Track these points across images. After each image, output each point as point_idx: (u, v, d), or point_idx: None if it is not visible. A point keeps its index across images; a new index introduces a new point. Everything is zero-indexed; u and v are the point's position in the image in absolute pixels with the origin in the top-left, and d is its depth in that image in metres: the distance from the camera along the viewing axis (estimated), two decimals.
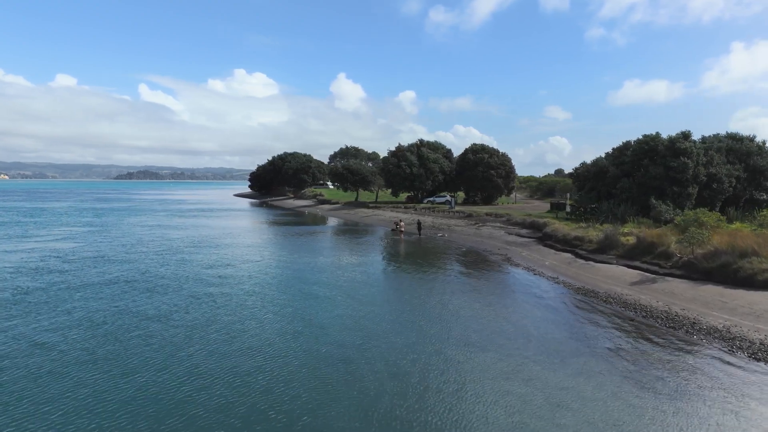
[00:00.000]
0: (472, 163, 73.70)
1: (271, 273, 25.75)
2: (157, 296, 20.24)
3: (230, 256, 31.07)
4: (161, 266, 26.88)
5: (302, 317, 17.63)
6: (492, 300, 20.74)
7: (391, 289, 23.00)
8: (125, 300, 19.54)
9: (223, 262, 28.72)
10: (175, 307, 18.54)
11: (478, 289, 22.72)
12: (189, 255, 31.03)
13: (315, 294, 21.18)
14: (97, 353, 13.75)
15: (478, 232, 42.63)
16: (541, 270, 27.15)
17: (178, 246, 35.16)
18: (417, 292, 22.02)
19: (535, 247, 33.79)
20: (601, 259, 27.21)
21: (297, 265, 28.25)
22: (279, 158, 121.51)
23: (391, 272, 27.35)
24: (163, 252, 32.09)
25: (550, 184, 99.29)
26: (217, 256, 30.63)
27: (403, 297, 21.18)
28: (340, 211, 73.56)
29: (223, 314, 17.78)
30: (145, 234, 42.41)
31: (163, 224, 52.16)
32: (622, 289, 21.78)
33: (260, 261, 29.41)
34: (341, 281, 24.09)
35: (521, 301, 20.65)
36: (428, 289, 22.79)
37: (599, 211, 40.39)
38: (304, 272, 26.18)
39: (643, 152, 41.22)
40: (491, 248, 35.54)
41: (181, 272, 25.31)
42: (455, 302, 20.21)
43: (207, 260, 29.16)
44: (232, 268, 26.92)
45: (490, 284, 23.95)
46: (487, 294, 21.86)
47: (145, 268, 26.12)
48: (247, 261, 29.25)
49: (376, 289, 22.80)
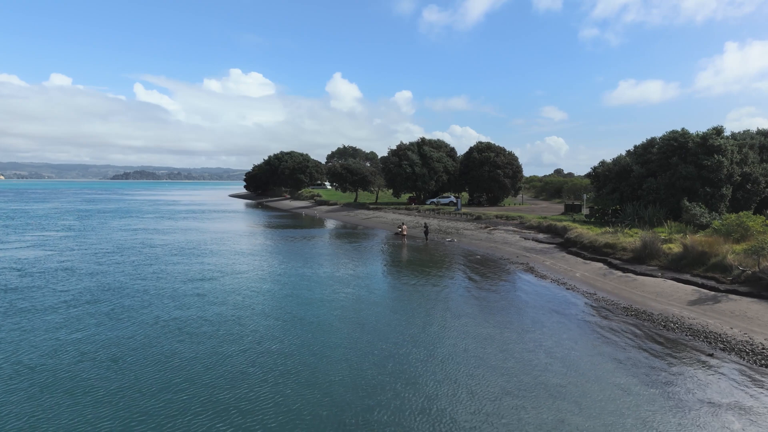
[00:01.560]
0: (478, 162, 70.07)
1: (257, 289, 22.01)
2: (114, 325, 16.49)
3: (214, 266, 27.34)
4: (133, 280, 23.13)
5: (288, 359, 13.93)
6: (525, 324, 17.06)
7: (399, 310, 19.29)
8: (71, 330, 15.79)
9: (205, 274, 24.99)
10: (129, 344, 14.79)
11: (506, 310, 19.03)
12: (168, 265, 27.30)
13: (307, 319, 17.46)
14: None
15: (491, 237, 38.98)
16: (573, 283, 23.50)
17: (158, 254, 31.41)
18: (431, 315, 18.32)
19: (559, 255, 30.15)
20: (641, 270, 23.57)
21: (288, 278, 24.54)
22: (275, 158, 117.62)
23: (398, 287, 23.65)
24: (140, 262, 28.34)
25: (555, 184, 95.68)
26: (199, 267, 26.90)
27: (415, 320, 17.49)
28: (338, 213, 69.87)
29: (187, 352, 14.04)
30: (126, 240, 38.63)
31: (149, 228, 48.36)
32: (681, 310, 18.13)
33: (247, 273, 25.68)
34: (339, 300, 20.39)
35: (561, 325, 16.98)
36: (443, 309, 19.10)
37: (624, 214, 36.81)
38: (295, 288, 22.48)
39: (671, 149, 37.65)
40: (508, 256, 31.88)
41: (153, 288, 21.57)
42: (482, 328, 16.53)
43: (187, 272, 25.42)
44: (214, 282, 23.18)
45: (518, 303, 20.27)
46: (517, 315, 18.18)
47: (112, 284, 22.36)
48: (232, 273, 25.53)
49: (381, 309, 19.09)
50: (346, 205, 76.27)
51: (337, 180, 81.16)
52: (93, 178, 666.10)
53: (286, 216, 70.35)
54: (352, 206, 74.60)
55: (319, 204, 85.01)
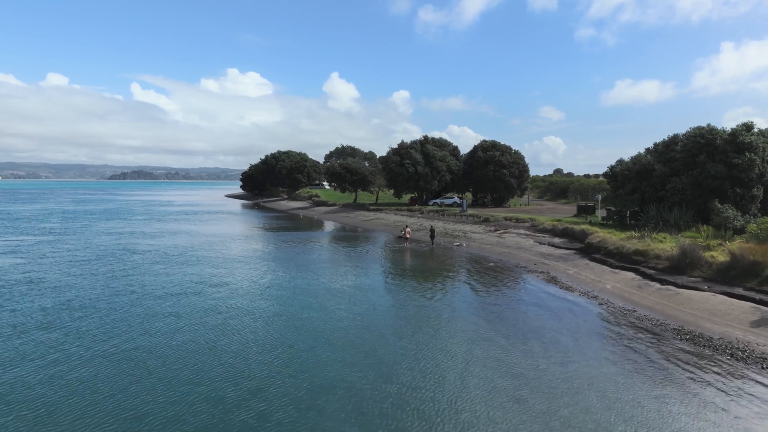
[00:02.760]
0: (483, 161, 67.17)
1: (240, 307, 19.05)
2: (54, 362, 13.56)
3: (197, 277, 24.40)
4: (100, 297, 20.18)
5: (268, 414, 11.02)
6: (563, 352, 14.15)
7: (407, 335, 16.36)
8: (13, 360, 12.86)
9: (186, 287, 22.04)
10: (68, 390, 11.87)
11: (536, 334, 16.11)
12: (146, 276, 24.36)
13: (297, 348, 14.52)
14: None
15: (502, 241, 36.08)
16: (605, 297, 20.61)
17: (138, 263, 28.47)
18: (446, 342, 15.40)
19: (581, 263, 27.28)
20: (682, 282, 20.68)
21: (280, 291, 21.62)
22: (272, 157, 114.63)
23: (404, 302, 20.74)
24: (116, 273, 25.40)
25: (561, 184, 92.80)
26: (180, 279, 23.96)
27: (427, 349, 14.58)
28: (337, 214, 66.94)
29: (141, 402, 11.13)
30: (107, 245, 35.66)
31: (135, 232, 45.39)
32: (744, 333, 15.25)
33: (232, 285, 22.74)
34: (336, 320, 17.47)
35: (605, 354, 14.07)
36: (460, 333, 16.19)
37: (647, 216, 33.96)
38: (287, 304, 19.55)
39: (697, 147, 34.81)
40: (524, 263, 29.00)
41: (121, 307, 18.62)
42: (512, 359, 13.62)
43: (165, 285, 22.48)
44: (193, 297, 20.23)
45: (547, 323, 17.36)
46: (551, 340, 15.27)
47: (74, 301, 19.40)
48: (216, 285, 22.58)
49: (386, 333, 16.17)
50: (346, 206, 73.35)
51: (336, 180, 78.27)
52: (90, 178, 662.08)
53: (283, 217, 67.41)
54: (351, 207, 71.69)
55: (318, 205, 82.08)
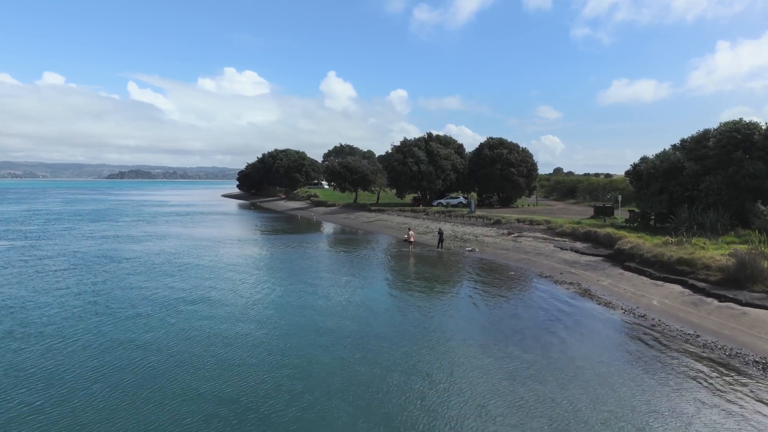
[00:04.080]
0: (489, 159, 64.12)
1: (220, 332, 15.89)
2: None
3: (175, 291, 21.27)
4: (59, 318, 17.04)
5: None
6: (631, 400, 11.05)
7: (419, 369, 13.26)
8: None
9: (159, 305, 18.89)
10: None
11: (586, 369, 13.00)
12: (117, 291, 21.22)
13: (285, 389, 11.43)
14: None
15: (519, 246, 32.98)
16: (655, 316, 17.51)
17: (115, 273, 25.34)
18: (473, 386, 12.30)
19: (614, 272, 24.20)
20: (746, 299, 17.58)
21: (270, 311, 18.50)
22: (269, 156, 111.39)
23: (415, 323, 17.61)
24: (83, 286, 22.27)
25: (568, 183, 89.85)
26: (155, 293, 20.82)
27: (448, 397, 11.49)
28: (337, 215, 63.80)
29: None
30: (86, 252, 32.51)
31: (121, 235, 42.22)
32: None
33: (215, 303, 19.59)
34: (333, 351, 14.36)
35: (684, 398, 11.00)
36: (489, 370, 13.09)
37: (678, 219, 30.92)
38: (277, 327, 16.43)
39: (733, 143, 31.77)
40: (548, 271, 25.90)
41: (80, 333, 15.49)
42: (563, 403, 10.53)
43: (136, 302, 19.35)
44: (165, 318, 17.07)
45: (595, 351, 14.25)
46: (603, 376, 12.16)
47: (26, 323, 16.25)
48: (196, 302, 19.43)
49: (395, 370, 13.08)
50: (346, 207, 70.24)
51: (335, 179, 75.19)
52: (88, 178, 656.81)
53: (280, 218, 64.25)
54: (351, 207, 68.57)
55: (317, 205, 78.94)
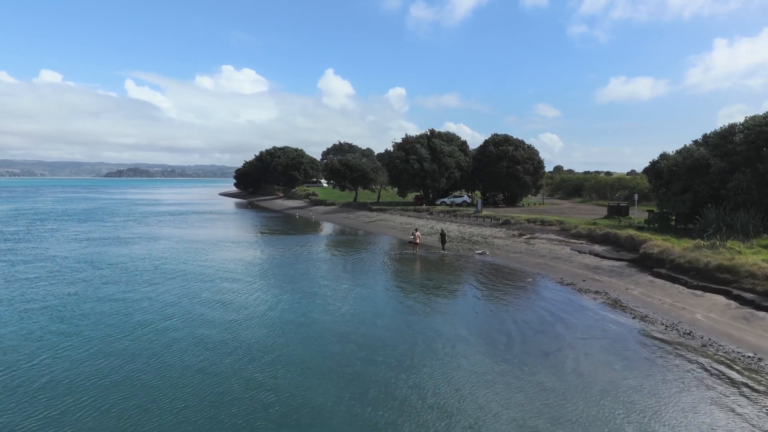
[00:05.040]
0: (495, 156, 61.84)
1: (196, 360, 13.66)
2: None
3: (153, 304, 19.00)
4: (17, 338, 14.78)
5: None
6: None
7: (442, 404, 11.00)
8: None
9: (133, 321, 16.63)
10: None
11: (636, 402, 10.75)
12: (89, 304, 18.94)
13: None
14: None
15: (533, 249, 30.72)
16: (704, 334, 15.25)
17: (90, 281, 23.08)
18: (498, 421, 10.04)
19: (641, 279, 21.96)
20: None
21: (258, 331, 16.23)
22: (267, 153, 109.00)
23: (429, 344, 15.35)
24: (52, 298, 19.99)
25: (574, 181, 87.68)
26: (132, 306, 18.55)
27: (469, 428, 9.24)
28: (337, 215, 61.50)
29: None
30: (69, 255, 30.24)
31: (108, 237, 39.94)
32: None
33: (196, 318, 17.30)
34: (330, 373, 12.11)
35: None
36: (516, 398, 10.84)
37: (705, 220, 28.70)
38: (265, 351, 14.17)
39: (763, 137, 29.53)
40: (569, 277, 23.64)
41: (29, 355, 13.23)
42: None
43: (109, 316, 17.10)
44: (137, 339, 14.80)
45: (643, 381, 12.00)
46: (659, 416, 9.92)
47: None
48: (175, 318, 17.15)
49: (409, 408, 10.83)
50: (345, 206, 67.97)
51: (334, 177, 73.00)
52: (87, 176, 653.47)
53: (278, 218, 61.95)
54: (352, 207, 66.30)
55: (315, 204, 76.66)
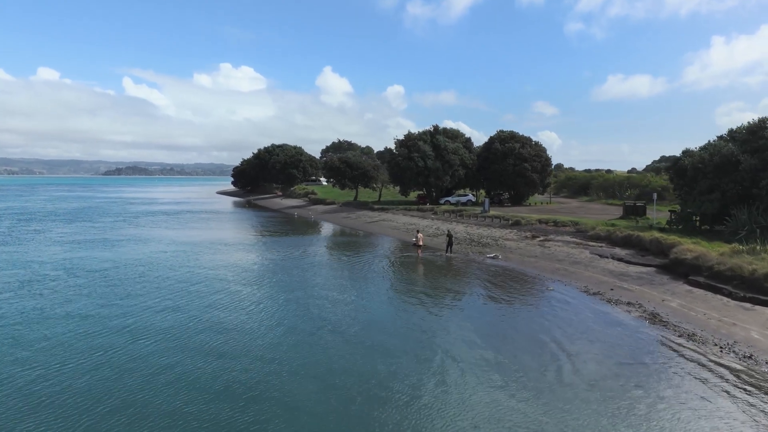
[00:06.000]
0: (501, 154, 59.61)
1: (166, 408, 11.44)
2: None
3: (137, 320, 16.76)
4: None
5: None
6: None
7: None
8: None
9: (113, 344, 14.40)
10: None
11: None
12: (51, 323, 16.72)
13: None
14: None
15: (549, 253, 28.49)
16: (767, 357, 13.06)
17: (66, 292, 20.84)
18: None
19: (677, 288, 19.74)
20: None
21: (244, 353, 13.99)
22: (265, 151, 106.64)
23: (446, 372, 13.15)
24: (17, 315, 17.75)
25: (580, 179, 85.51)
26: (104, 322, 16.31)
27: None
28: (337, 215, 59.25)
29: None
30: (47, 260, 28.01)
31: (95, 239, 37.69)
32: None
33: (176, 339, 15.08)
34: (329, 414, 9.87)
35: None
36: None
37: (736, 221, 26.55)
38: (248, 380, 11.94)
39: None
40: (594, 285, 21.41)
41: None
42: None
43: (79, 338, 14.86)
44: (110, 366, 12.58)
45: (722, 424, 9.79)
46: None
47: None
48: (151, 336, 14.90)
49: None
50: (346, 205, 65.72)
51: (334, 175, 70.81)
52: (85, 174, 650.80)
53: (276, 218, 59.67)
54: (352, 206, 64.05)
55: (315, 203, 74.41)
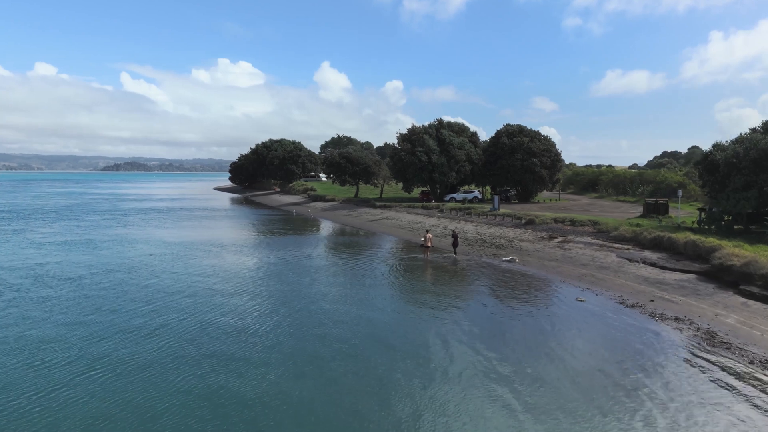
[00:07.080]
0: (509, 148, 57.01)
1: None
2: None
3: (109, 339, 14.26)
4: None
5: None
6: None
7: None
8: None
9: (60, 378, 11.91)
10: None
11: None
12: (6, 347, 14.22)
13: None
14: None
15: (570, 255, 25.95)
16: None
17: (28, 304, 18.33)
18: None
19: (729, 300, 17.24)
20: None
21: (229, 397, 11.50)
22: (263, 146, 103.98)
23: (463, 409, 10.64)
24: None
25: (589, 176, 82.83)
26: (66, 349, 13.81)
27: None
28: (337, 212, 56.68)
29: None
30: (18, 265, 25.55)
31: (78, 239, 35.20)
32: None
33: (163, 367, 12.59)
34: None
35: None
36: None
37: None
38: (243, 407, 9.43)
39: None
40: (629, 295, 18.89)
41: None
42: None
43: (32, 364, 12.36)
44: (70, 399, 10.07)
45: None
46: None
47: None
48: (138, 362, 12.43)
49: None
50: (346, 202, 63.13)
51: (334, 171, 68.21)
52: (84, 170, 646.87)
53: (273, 216, 57.12)
54: (353, 203, 61.47)
55: (314, 200, 71.82)
